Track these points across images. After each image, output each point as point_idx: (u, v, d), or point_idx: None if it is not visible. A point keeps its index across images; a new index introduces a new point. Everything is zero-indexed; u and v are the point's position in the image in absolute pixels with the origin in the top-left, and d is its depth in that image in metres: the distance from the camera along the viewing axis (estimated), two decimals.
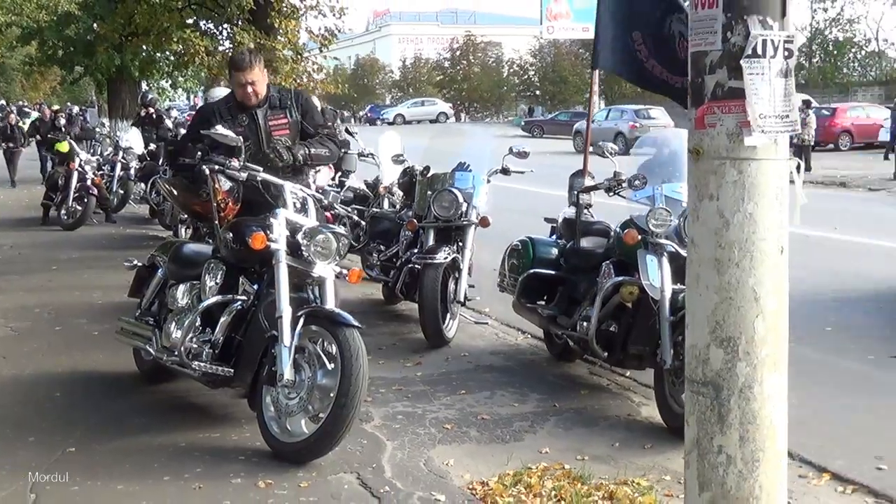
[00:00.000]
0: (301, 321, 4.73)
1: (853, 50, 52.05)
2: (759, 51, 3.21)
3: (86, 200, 14.27)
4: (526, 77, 65.58)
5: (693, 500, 3.49)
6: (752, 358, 3.33)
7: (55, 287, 9.35)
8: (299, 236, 4.91)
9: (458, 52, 72.97)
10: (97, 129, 20.75)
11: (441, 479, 4.50)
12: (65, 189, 14.33)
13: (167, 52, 11.13)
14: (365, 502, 4.21)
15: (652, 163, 6.01)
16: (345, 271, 5.20)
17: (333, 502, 4.20)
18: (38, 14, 17.46)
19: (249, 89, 5.69)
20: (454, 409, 5.58)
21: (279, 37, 10.02)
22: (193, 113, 6.78)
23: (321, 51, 12.10)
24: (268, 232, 4.86)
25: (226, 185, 5.24)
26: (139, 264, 6.29)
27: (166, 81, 23.96)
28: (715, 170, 3.29)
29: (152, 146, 15.16)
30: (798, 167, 3.48)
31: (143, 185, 14.91)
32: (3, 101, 44.27)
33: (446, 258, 7.10)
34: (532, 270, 6.57)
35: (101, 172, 15.45)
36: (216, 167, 5.17)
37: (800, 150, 23.81)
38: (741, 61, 3.21)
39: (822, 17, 52.26)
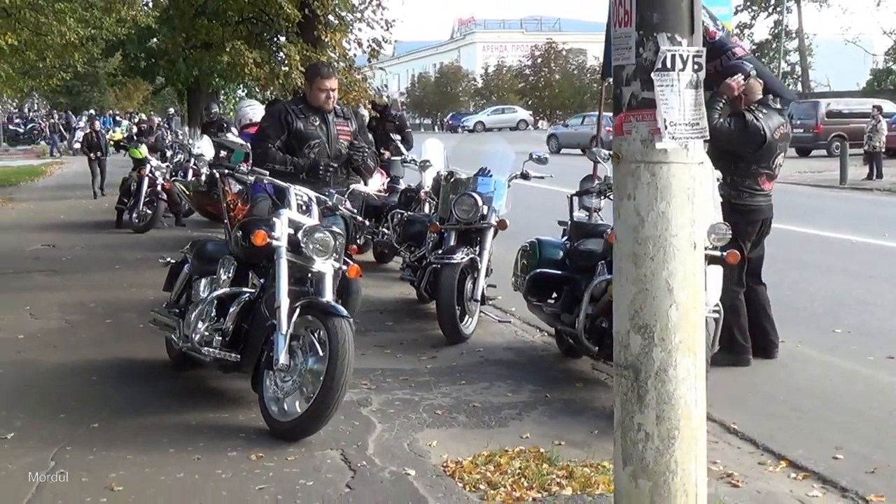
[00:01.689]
0: (297, 311, 5.19)
1: None
2: (669, 64, 3.55)
3: (155, 205, 15.03)
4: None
5: (619, 473, 3.83)
6: (666, 343, 3.65)
7: (114, 284, 10.00)
8: (299, 234, 5.36)
9: (539, 60, 73.13)
10: (176, 138, 21.59)
11: (419, 457, 4.90)
12: (136, 194, 15.11)
13: (220, 64, 11.76)
14: (342, 474, 4.63)
15: None
16: (344, 267, 5.65)
17: (314, 473, 4.63)
18: (118, 28, 18.38)
19: (329, 95, 6.36)
20: (450, 397, 5.97)
21: (326, 49, 10.55)
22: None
23: (369, 62, 12.64)
24: (271, 230, 5.33)
25: (235, 187, 5.71)
26: (172, 261, 6.84)
27: (243, 91, 24.80)
28: (632, 172, 3.64)
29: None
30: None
31: None
32: (93, 111, 45.83)
33: (463, 258, 7.48)
34: (538, 270, 6.91)
35: (173, 178, 16.23)
36: (226, 171, 5.67)
37: (870, 156, 23.59)
38: (652, 74, 3.55)
39: None
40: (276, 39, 10.32)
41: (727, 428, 5.44)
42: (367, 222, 9.33)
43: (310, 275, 5.48)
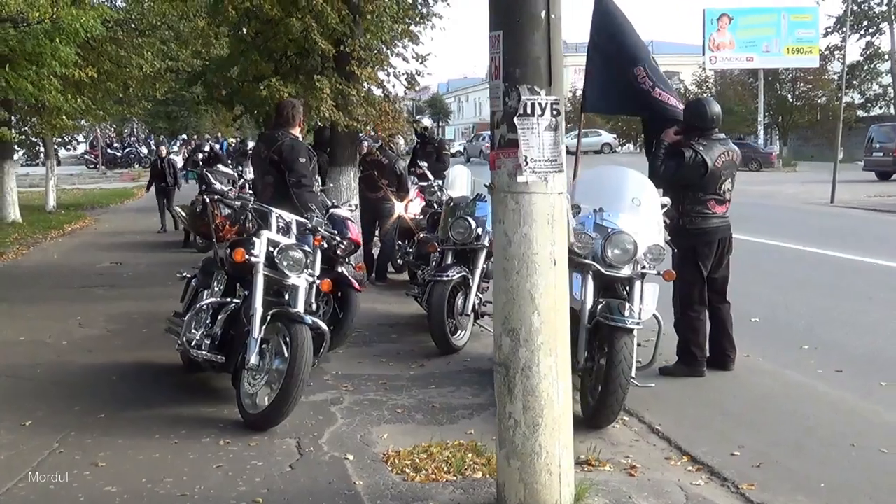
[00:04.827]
0: (269, 319, 5.99)
1: None
2: (529, 111, 4.26)
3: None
4: None
5: (498, 455, 4.55)
6: (530, 344, 4.34)
7: (160, 298, 10.91)
8: (275, 252, 6.17)
9: None
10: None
11: (365, 446, 5.63)
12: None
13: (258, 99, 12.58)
14: (290, 457, 5.41)
15: (592, 192, 6.95)
16: (317, 281, 6.45)
17: (267, 456, 5.41)
18: (193, 61, 19.58)
19: None
20: (416, 398, 6.69)
21: (358, 83, 11.35)
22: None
23: (405, 94, 13.49)
24: (251, 249, 6.15)
25: (225, 210, 6.55)
26: (187, 275, 7.72)
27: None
28: (501, 200, 4.36)
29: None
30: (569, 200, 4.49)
31: None
32: (185, 136, 47.69)
33: (454, 276, 8.20)
34: None
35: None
36: (216, 197, 6.53)
37: None
38: (515, 119, 4.26)
39: None
40: (313, 75, 11.14)
41: (652, 429, 6.04)
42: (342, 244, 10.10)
43: (286, 288, 6.28)
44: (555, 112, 4.31)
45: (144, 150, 55.66)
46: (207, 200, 6.51)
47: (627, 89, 7.96)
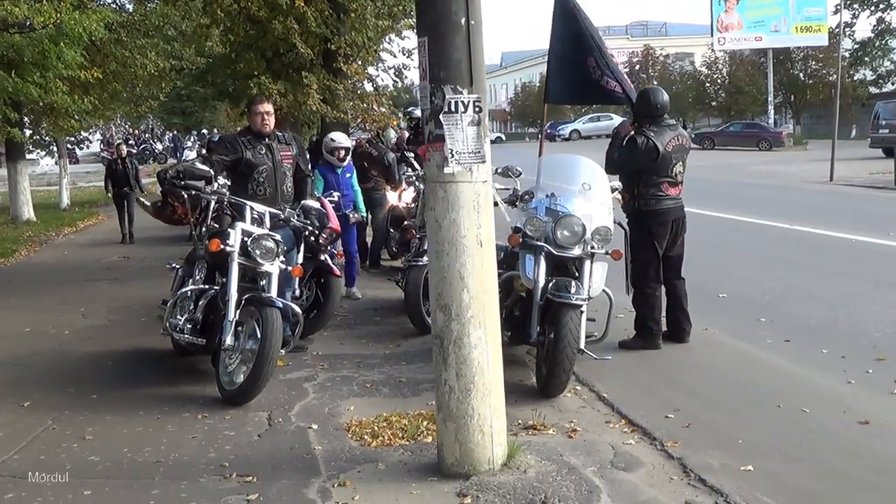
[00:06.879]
0: (243, 303, 6.50)
1: None
2: (453, 108, 4.74)
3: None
4: (701, 88, 65.23)
5: (437, 418, 5.04)
6: (461, 318, 4.83)
7: (161, 289, 11.42)
8: (248, 242, 6.68)
9: (637, 66, 73.35)
10: None
11: (331, 417, 6.14)
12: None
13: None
14: (260, 428, 5.93)
15: (549, 175, 7.43)
16: (289, 268, 6.96)
17: (239, 427, 5.93)
18: (197, 59, 20.16)
19: (264, 117, 7.55)
20: (385, 374, 7.20)
21: (345, 79, 11.87)
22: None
23: (393, 86, 14.05)
24: (226, 239, 6.66)
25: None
26: (176, 266, 8.24)
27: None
28: (432, 190, 4.85)
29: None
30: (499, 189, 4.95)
31: None
32: (205, 131, 48.17)
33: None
34: None
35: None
36: (193, 192, 7.04)
37: None
38: (440, 116, 4.75)
39: None
40: (302, 71, 11.64)
41: (599, 397, 6.52)
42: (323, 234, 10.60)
43: (260, 275, 6.79)
44: (477, 109, 4.79)
45: (159, 147, 56.40)
46: (185, 195, 7.07)
47: (584, 80, 8.40)
